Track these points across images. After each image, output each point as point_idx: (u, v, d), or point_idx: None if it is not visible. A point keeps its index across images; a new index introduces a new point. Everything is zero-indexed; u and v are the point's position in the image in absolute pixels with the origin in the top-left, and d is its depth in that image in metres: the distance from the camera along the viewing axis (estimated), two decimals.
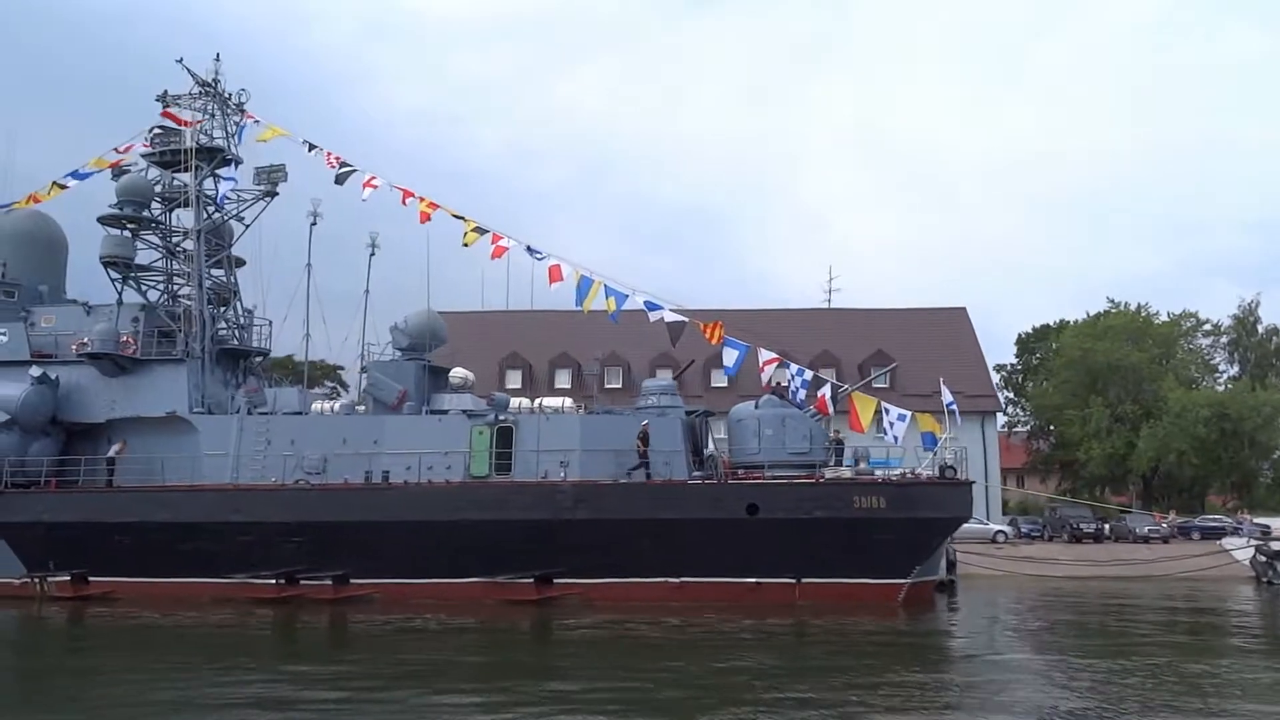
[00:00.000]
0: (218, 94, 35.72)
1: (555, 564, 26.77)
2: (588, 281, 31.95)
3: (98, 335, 31.45)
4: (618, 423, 29.07)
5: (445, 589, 27.10)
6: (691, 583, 26.54)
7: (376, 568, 27.36)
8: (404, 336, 32.01)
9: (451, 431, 29.31)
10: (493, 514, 26.91)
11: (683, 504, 26.56)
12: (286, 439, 29.54)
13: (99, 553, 28.55)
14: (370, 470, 28.54)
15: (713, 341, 31.40)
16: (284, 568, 27.67)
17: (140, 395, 31.56)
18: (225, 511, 27.92)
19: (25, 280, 34.12)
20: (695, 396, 41.23)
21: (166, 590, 28.12)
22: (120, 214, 33.24)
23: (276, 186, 35.01)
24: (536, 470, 28.34)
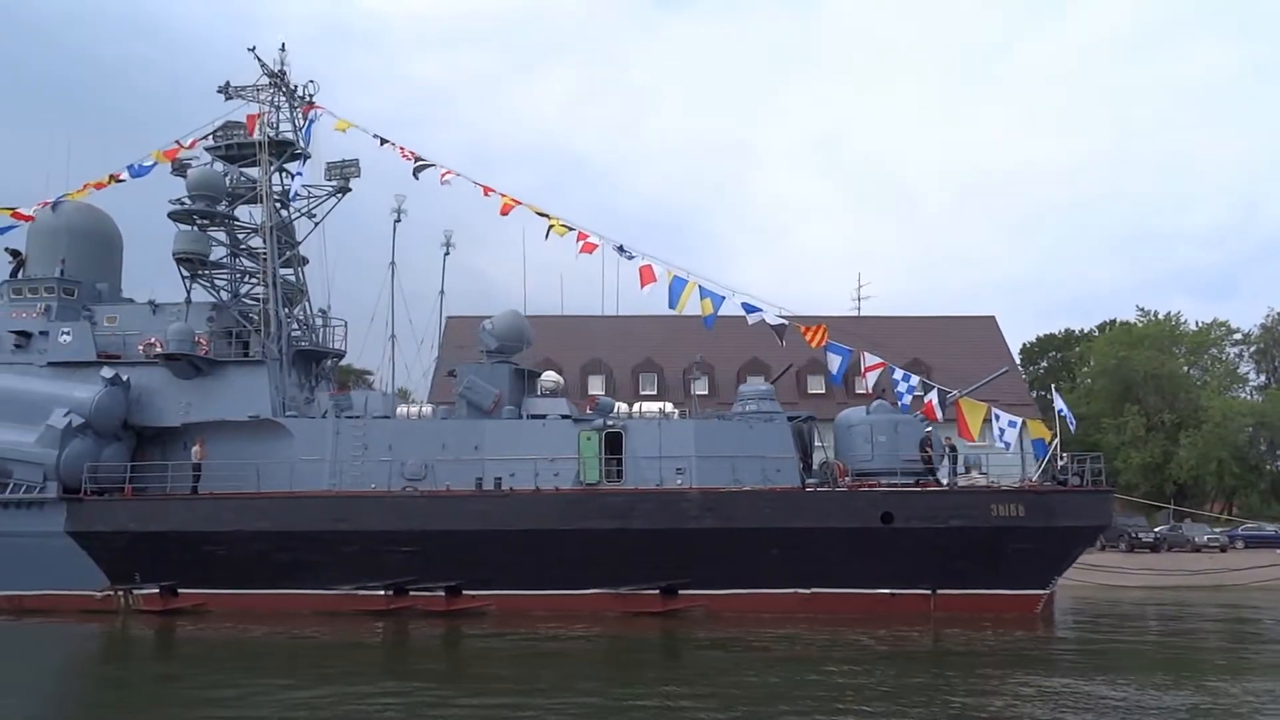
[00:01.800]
0: (285, 86, 34.36)
1: (680, 574, 25.93)
2: (680, 282, 31.15)
3: (173, 335, 29.91)
4: (732, 429, 28.32)
5: (564, 601, 26.14)
6: (822, 594, 25.85)
7: (491, 578, 26.31)
8: (492, 339, 30.95)
9: (557, 437, 28.31)
10: (615, 522, 26.01)
11: (814, 512, 25.90)
12: (384, 444, 28.34)
13: (189, 563, 27.11)
14: (483, 476, 27.40)
15: (814, 345, 30.76)
16: (393, 579, 26.49)
17: (219, 398, 30.07)
18: (329, 520, 26.65)
19: (84, 278, 32.47)
20: (790, 403, 40.55)
21: (263, 603, 26.76)
22: (192, 209, 31.70)
23: (349, 182, 33.76)
24: (648, 477, 27.50)
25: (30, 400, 29.01)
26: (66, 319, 31.42)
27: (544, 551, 26.08)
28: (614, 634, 23.95)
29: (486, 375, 29.98)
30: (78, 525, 27.51)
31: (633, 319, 48.14)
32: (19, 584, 27.92)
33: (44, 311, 31.52)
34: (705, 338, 38.66)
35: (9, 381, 29.62)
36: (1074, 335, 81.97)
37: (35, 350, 31.12)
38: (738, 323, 33.07)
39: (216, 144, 33.78)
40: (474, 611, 26.37)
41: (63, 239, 32.59)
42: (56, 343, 30.91)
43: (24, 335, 31.26)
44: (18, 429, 28.48)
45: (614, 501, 26.31)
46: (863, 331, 56.90)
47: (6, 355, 31.19)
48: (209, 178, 31.78)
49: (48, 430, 27.99)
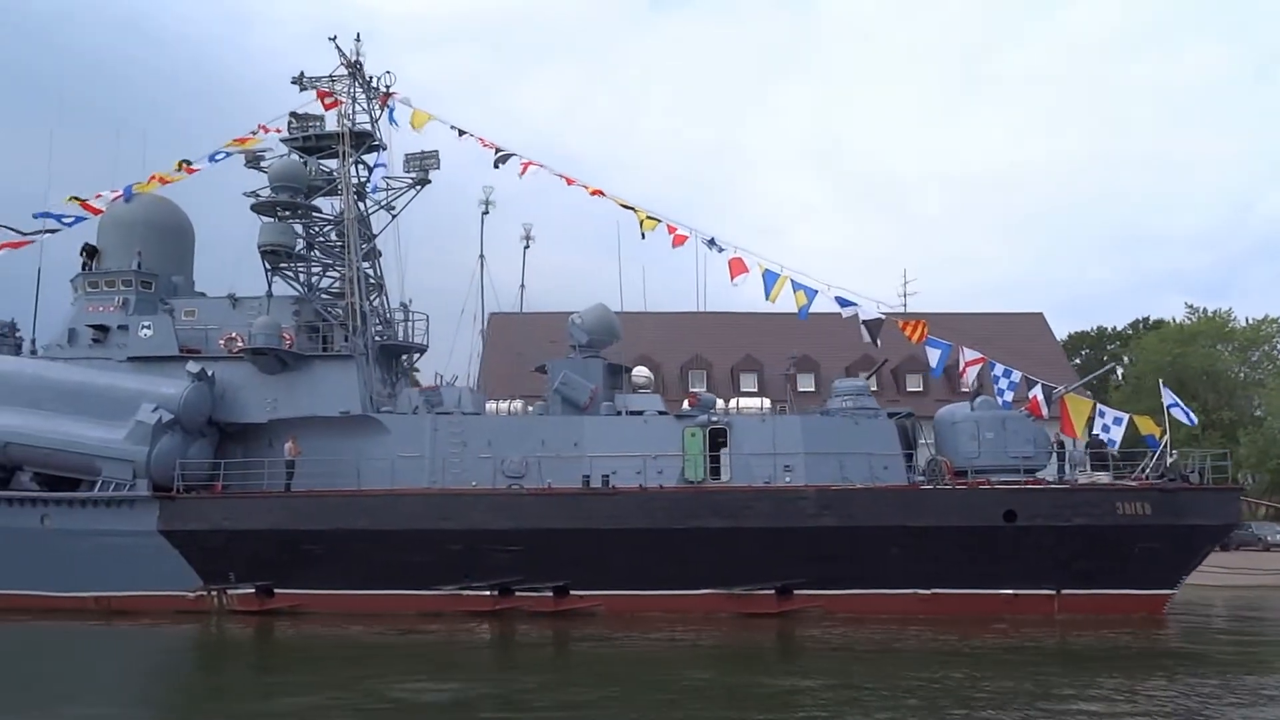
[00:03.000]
0: (361, 76, 33.63)
1: (796, 574, 25.31)
2: (773, 275, 30.49)
3: (260, 329, 29.19)
4: (839, 425, 27.72)
5: (675, 601, 25.50)
6: (942, 594, 25.25)
7: (599, 578, 25.63)
8: (583, 333, 30.32)
9: (659, 433, 27.70)
10: (729, 521, 25.38)
11: (935, 510, 25.30)
12: (483, 440, 27.68)
13: (286, 563, 26.38)
14: (584, 474, 26.73)
15: (914, 341, 30.13)
16: (498, 578, 25.79)
17: (307, 394, 29.35)
18: (433, 518, 25.95)
19: (159, 271, 31.73)
20: (891, 400, 40.06)
21: (363, 603, 26.09)
22: (276, 200, 30.95)
23: (428, 174, 33.05)
24: (754, 474, 26.90)
25: (114, 396, 28.26)
26: (144, 313, 30.71)
27: (655, 551, 25.43)
28: (730, 634, 23.32)
29: (579, 370, 29.36)
30: (170, 524, 26.77)
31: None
32: (107, 585, 27.18)
33: (121, 305, 30.80)
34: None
35: (89, 376, 28.86)
36: (1106, 332, 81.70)
37: (114, 345, 30.40)
38: (832, 319, 32.52)
39: (292, 135, 33.04)
40: (582, 612, 25.68)
41: (138, 231, 31.85)
42: (137, 337, 30.18)
43: (101, 329, 30.54)
44: (103, 425, 27.71)
45: (727, 499, 25.68)
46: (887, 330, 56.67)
47: (83, 350, 30.47)
48: (292, 169, 31.02)
49: (138, 426, 27.23)
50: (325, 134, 32.77)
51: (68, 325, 30.93)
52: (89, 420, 27.87)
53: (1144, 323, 78.62)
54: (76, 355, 30.24)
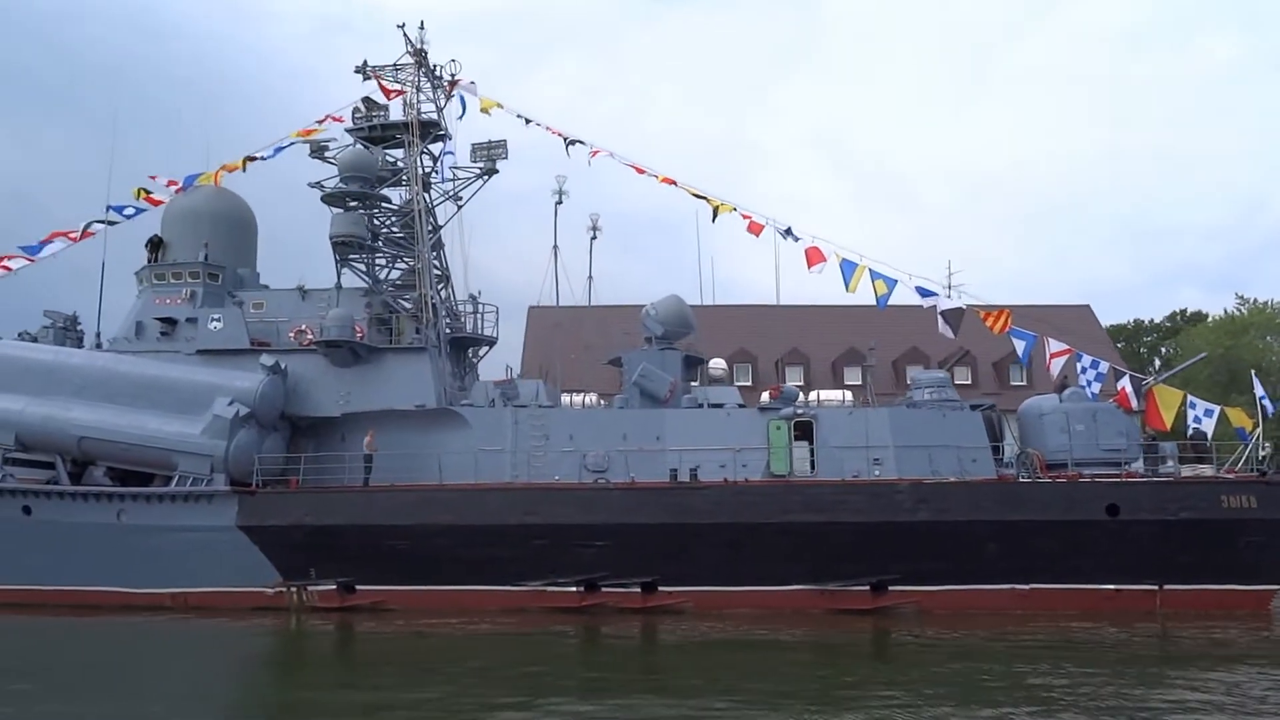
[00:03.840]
0: (427, 65, 33.14)
1: (890, 570, 24.78)
2: (850, 265, 29.97)
3: (333, 321, 28.78)
4: (928, 418, 27.20)
5: (765, 597, 25.01)
6: (1041, 589, 24.69)
7: (688, 574, 25.15)
8: (658, 325, 29.84)
9: (743, 426, 27.23)
10: (821, 516, 24.86)
11: (1035, 504, 24.75)
12: (565, 434, 27.22)
13: (367, 559, 25.93)
14: (668, 467, 26.25)
15: (997, 331, 29.58)
16: (585, 574, 25.32)
17: (380, 387, 28.94)
18: (518, 513, 25.49)
19: (226, 263, 31.34)
20: (990, 393, 39.52)
21: (446, 600, 25.60)
22: (346, 190, 30.48)
23: (496, 164, 32.54)
24: (842, 468, 26.41)
25: (188, 389, 27.90)
26: (212, 304, 30.35)
27: (744, 546, 24.96)
28: (823, 631, 22.82)
29: (656, 363, 28.88)
30: (250, 519, 26.36)
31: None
32: (184, 580, 26.79)
33: (189, 298, 30.43)
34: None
35: (162, 370, 28.50)
36: (1143, 325, 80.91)
37: (182, 338, 30.04)
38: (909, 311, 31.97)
39: (357, 125, 32.57)
40: (670, 608, 25.20)
41: (204, 223, 31.48)
42: (206, 330, 29.81)
43: (169, 322, 30.16)
44: (179, 419, 27.33)
45: (820, 494, 25.17)
46: (969, 321, 56.12)
47: (151, 343, 30.10)
48: (363, 159, 30.52)
49: (215, 420, 26.83)
50: (391, 123, 32.30)
51: (134, 318, 30.56)
52: (163, 414, 27.50)
53: (1181, 315, 77.90)
54: (144, 348, 29.87)
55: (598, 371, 36.45)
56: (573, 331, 40.12)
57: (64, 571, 27.09)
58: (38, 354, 28.99)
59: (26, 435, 27.64)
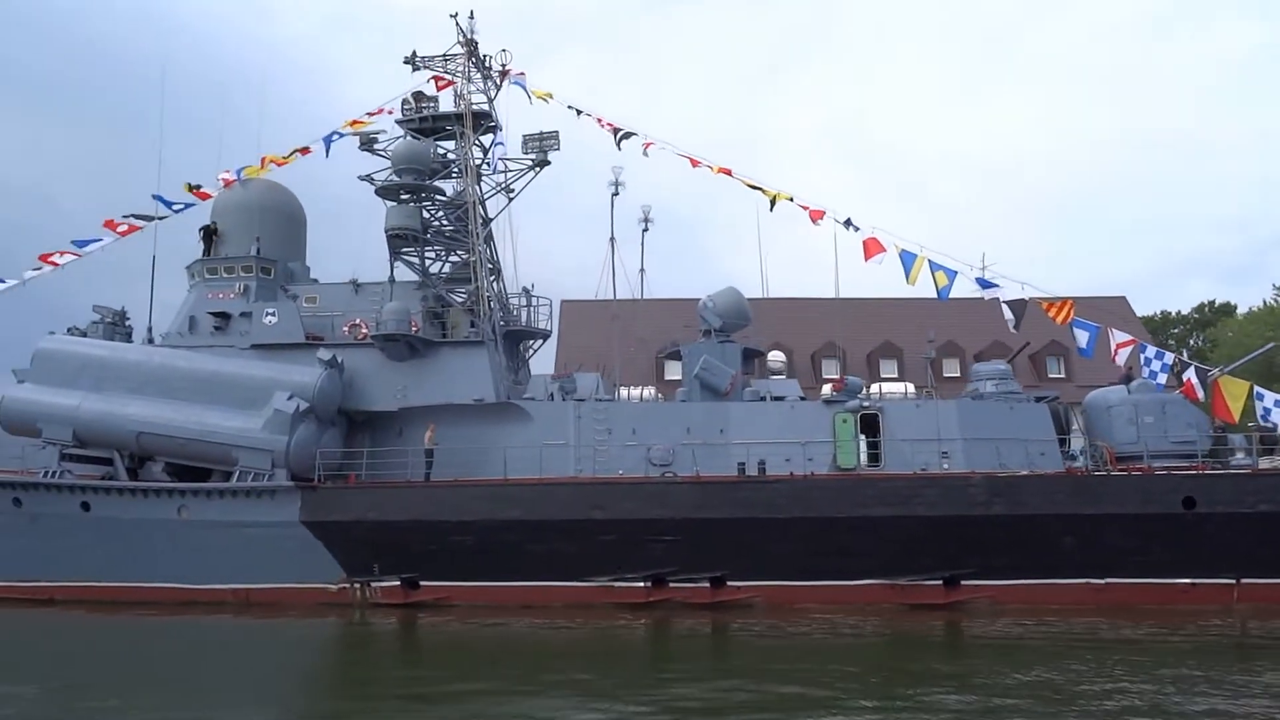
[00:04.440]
0: (477, 55, 32.80)
1: (963, 564, 24.49)
2: (910, 256, 29.50)
3: (390, 315, 28.53)
4: (995, 410, 26.89)
5: (836, 592, 24.71)
6: (1116, 584, 24.37)
7: (757, 568, 24.88)
8: (716, 317, 29.54)
9: (807, 419, 26.95)
10: (894, 509, 24.58)
11: (1110, 498, 24.41)
12: (628, 428, 26.95)
13: (432, 554, 25.69)
14: (731, 460, 25.95)
15: (1059, 322, 29.14)
16: (652, 569, 25.07)
17: (437, 381, 28.72)
18: (585, 508, 25.22)
19: (277, 256, 31.11)
20: (1029, 385, 39.13)
21: (511, 595, 25.37)
22: (401, 183, 30.19)
23: (548, 155, 32.19)
24: (909, 461, 26.12)
25: (245, 384, 27.65)
26: (265, 298, 30.12)
27: (815, 540, 24.66)
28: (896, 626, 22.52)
29: (717, 355, 28.59)
30: (313, 515, 26.12)
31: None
32: (246, 577, 26.57)
33: (242, 292, 30.22)
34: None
35: (219, 364, 28.25)
36: (1170, 316, 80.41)
37: (235, 332, 29.82)
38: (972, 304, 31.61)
39: (407, 116, 32.26)
40: (739, 604, 24.93)
41: (255, 216, 31.27)
42: (261, 324, 29.59)
43: (223, 316, 29.93)
44: (238, 414, 27.08)
45: (892, 487, 24.86)
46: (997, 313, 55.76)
47: (205, 338, 29.88)
48: (417, 150, 30.23)
49: (276, 415, 26.57)
50: (442, 115, 31.98)
51: (188, 313, 30.35)
52: (221, 409, 27.25)
53: (1210, 306, 77.47)
54: (197, 343, 29.66)
55: (638, 365, 36.22)
56: (618, 325, 39.79)
57: (123, 568, 26.89)
58: (93, 349, 28.76)
59: (84, 431, 27.42)
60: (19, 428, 27.82)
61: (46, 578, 27.51)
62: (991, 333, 45.87)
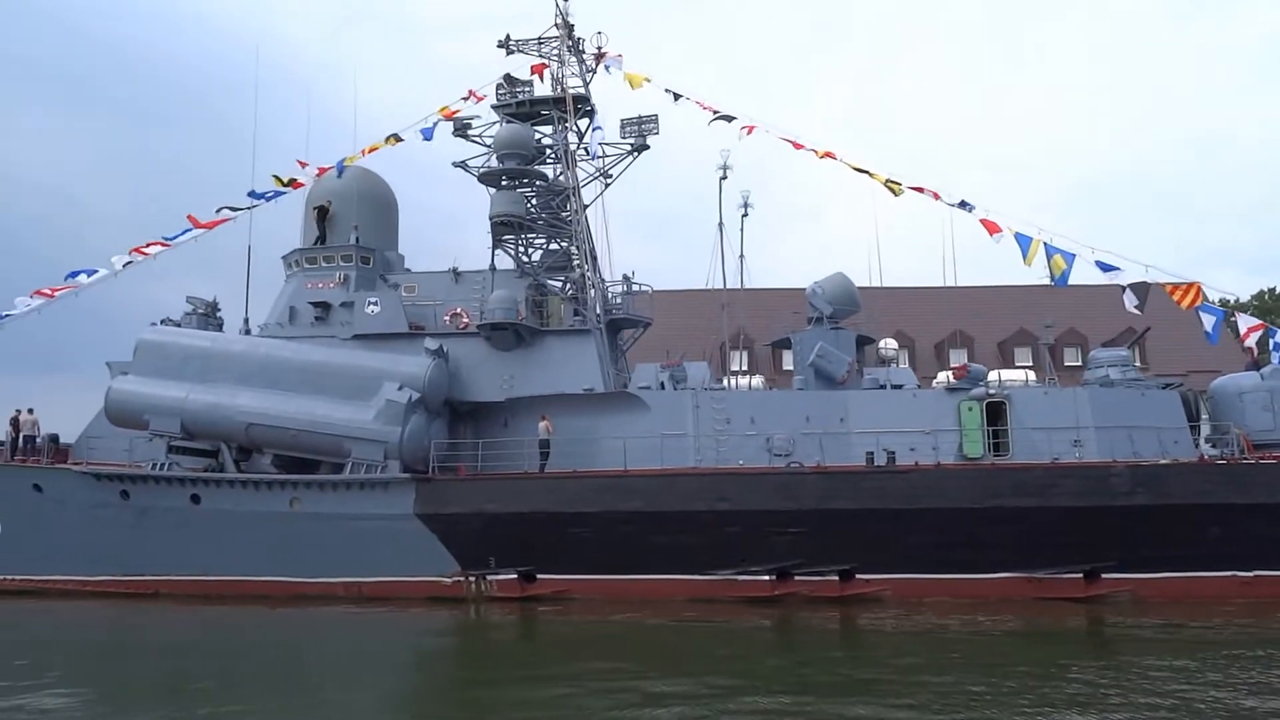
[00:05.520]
0: (573, 38, 32.20)
1: (1104, 556, 23.67)
2: (1025, 239, 28.69)
3: (497, 303, 28.02)
4: (1127, 397, 26.02)
5: (969, 585, 23.96)
6: (1265, 576, 23.47)
7: (887, 561, 24.15)
8: (826, 304, 28.79)
9: (930, 407, 26.19)
10: (1030, 500, 23.78)
11: (1258, 487, 23.52)
12: (746, 417, 26.28)
13: (550, 547, 25.13)
14: (874, 450, 25.24)
15: (1185, 307, 28.17)
16: (777, 562, 24.41)
17: (544, 371, 28.20)
18: (709, 499, 24.59)
19: (375, 245, 30.66)
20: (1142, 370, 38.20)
21: (631, 589, 24.77)
22: (504, 168, 29.64)
23: (646, 140, 31.53)
24: (1038, 450, 25.30)
25: (354, 374, 27.18)
26: (365, 288, 29.67)
27: (947, 532, 23.91)
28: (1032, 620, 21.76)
29: (830, 342, 27.87)
30: (427, 507, 25.63)
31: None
32: (358, 570, 26.14)
33: (342, 282, 29.79)
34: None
35: (326, 355, 27.82)
36: (1226, 304, 78.87)
37: (336, 322, 29.42)
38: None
39: (502, 101, 31.71)
40: (867, 597, 24.23)
41: (353, 205, 30.85)
42: (363, 314, 29.15)
43: (323, 306, 29.53)
44: (346, 405, 26.61)
45: (1029, 477, 24.06)
46: (1063, 301, 54.81)
47: (305, 328, 29.50)
48: (520, 135, 29.67)
49: (389, 405, 26.09)
50: (539, 99, 31.42)
51: (287, 303, 29.97)
52: (330, 400, 26.80)
53: (1269, 293, 76.12)
54: (297, 334, 29.28)
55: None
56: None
57: (233, 561, 26.51)
58: (197, 341, 28.44)
59: (192, 423, 27.07)
60: (125, 420, 27.52)
61: (152, 571, 27.20)
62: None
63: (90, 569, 27.54)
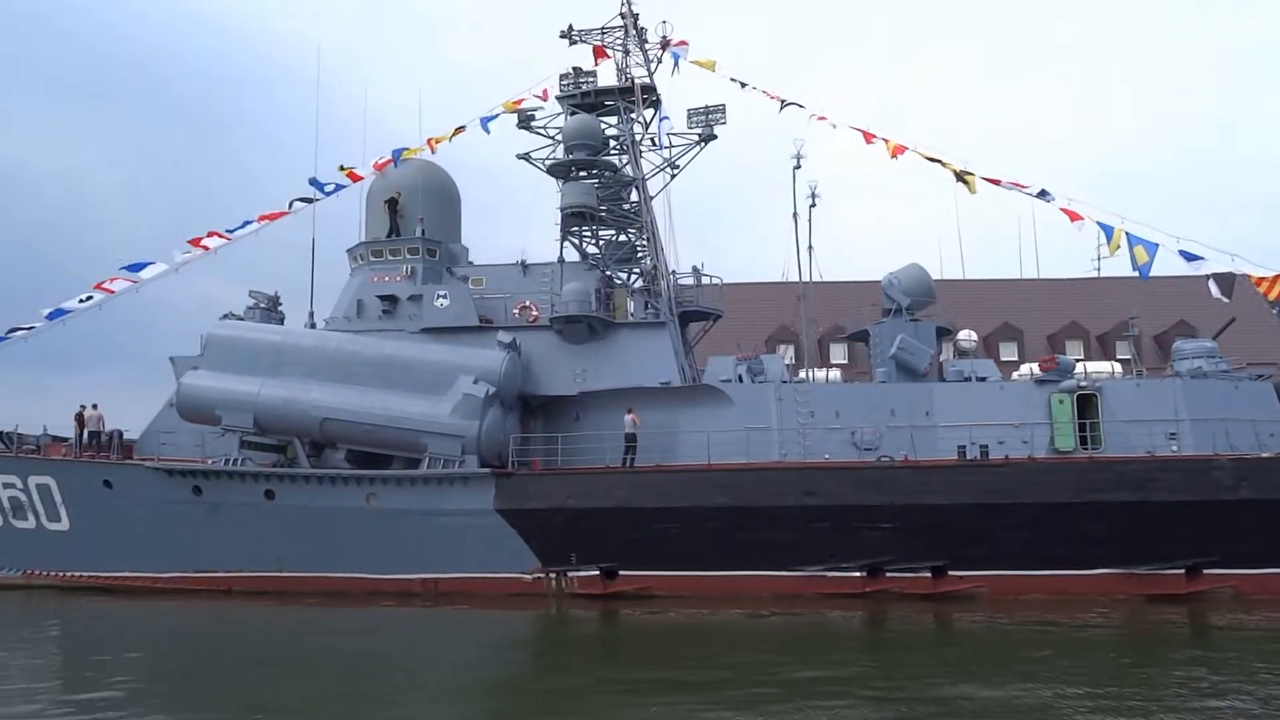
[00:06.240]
0: (638, 27, 31.72)
1: (1206, 551, 23.07)
2: (1108, 228, 28.11)
3: (571, 296, 27.56)
4: (1222, 390, 25.42)
5: (1066, 582, 23.41)
6: None
7: (980, 557, 23.61)
8: (903, 295, 28.24)
9: (1018, 400, 25.65)
10: (1132, 494, 23.20)
11: None
12: (831, 410, 25.77)
13: (633, 543, 24.67)
14: (966, 444, 24.68)
15: (1273, 298, 27.52)
16: (868, 558, 23.89)
17: (618, 364, 27.71)
18: (798, 494, 24.09)
19: (439, 238, 30.25)
20: None
21: (717, 586, 24.34)
22: (573, 159, 29.16)
23: (713, 129, 31.00)
24: (1130, 444, 24.72)
25: (428, 368, 26.76)
26: (432, 282, 29.26)
27: (1043, 527, 23.36)
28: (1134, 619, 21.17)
29: (910, 334, 27.33)
30: (508, 502, 25.20)
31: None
32: (435, 566, 25.71)
33: (409, 275, 29.35)
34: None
35: (399, 349, 27.41)
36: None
37: (404, 315, 28.99)
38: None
39: (567, 92, 31.25)
40: (960, 594, 23.69)
41: (418, 197, 30.40)
42: (432, 307, 28.72)
43: (390, 300, 29.12)
44: (421, 399, 26.20)
45: (1129, 471, 23.49)
46: (1115, 295, 54.01)
47: (373, 321, 29.10)
48: (588, 126, 29.25)
49: (466, 399, 25.67)
50: (604, 89, 30.95)
51: (354, 296, 29.56)
52: (403, 394, 26.37)
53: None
54: (365, 327, 28.88)
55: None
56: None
57: (307, 557, 26.14)
58: (268, 335, 28.04)
59: (265, 418, 26.69)
60: (196, 414, 27.17)
61: (225, 568, 26.86)
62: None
63: (161, 565, 27.24)
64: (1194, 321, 46.91)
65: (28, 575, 28.54)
